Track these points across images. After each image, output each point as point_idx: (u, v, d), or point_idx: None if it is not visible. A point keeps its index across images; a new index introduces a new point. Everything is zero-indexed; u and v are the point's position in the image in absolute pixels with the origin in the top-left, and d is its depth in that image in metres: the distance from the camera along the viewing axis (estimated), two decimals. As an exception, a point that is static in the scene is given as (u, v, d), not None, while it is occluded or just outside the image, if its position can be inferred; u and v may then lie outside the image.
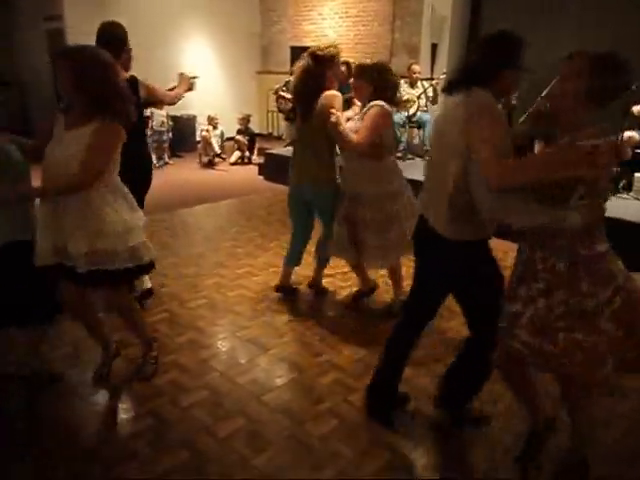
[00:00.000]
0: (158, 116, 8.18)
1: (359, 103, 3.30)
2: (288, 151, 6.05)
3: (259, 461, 2.27)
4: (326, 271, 3.88)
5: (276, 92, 7.44)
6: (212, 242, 4.99)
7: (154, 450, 2.33)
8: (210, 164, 8.55)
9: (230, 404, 2.65)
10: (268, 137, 10.46)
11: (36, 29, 9.44)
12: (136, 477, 2.16)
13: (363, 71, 3.12)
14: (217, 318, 3.50)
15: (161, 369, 2.90)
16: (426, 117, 7.06)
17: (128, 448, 2.33)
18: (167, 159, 8.66)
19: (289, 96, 7.12)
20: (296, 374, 2.90)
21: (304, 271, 3.96)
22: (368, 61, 3.35)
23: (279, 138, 10.20)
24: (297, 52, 9.69)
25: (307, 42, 9.97)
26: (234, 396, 2.71)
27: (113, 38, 3.14)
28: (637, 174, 5.25)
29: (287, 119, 7.25)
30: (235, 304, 3.68)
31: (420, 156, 7.03)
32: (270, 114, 10.49)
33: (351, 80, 3.43)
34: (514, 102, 6.29)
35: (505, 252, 4.62)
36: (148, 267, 2.56)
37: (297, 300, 3.78)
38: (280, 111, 7.47)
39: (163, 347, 3.11)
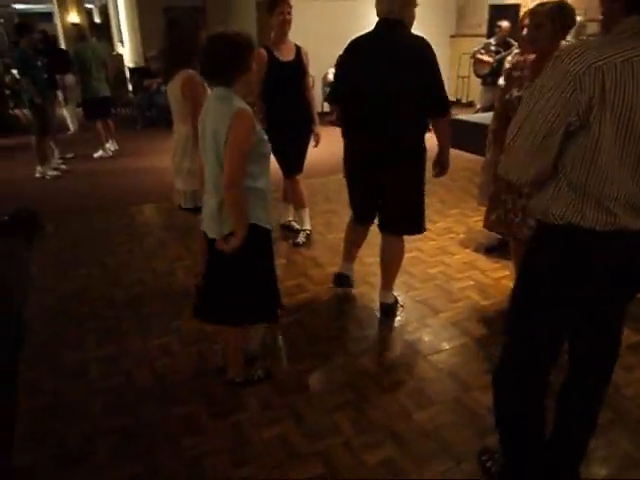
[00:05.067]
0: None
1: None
2: (478, 117, 5.75)
3: (420, 416, 2.27)
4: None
5: (473, 55, 7.03)
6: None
7: (323, 387, 2.48)
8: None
9: (396, 358, 2.69)
10: (456, 104, 10.07)
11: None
12: (307, 409, 2.33)
13: None
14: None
15: (334, 317, 3.06)
16: None
17: (301, 383, 2.51)
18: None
19: (488, 59, 6.71)
20: (466, 340, 2.81)
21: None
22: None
23: (468, 105, 9.76)
24: (497, 11, 9.08)
25: None
26: (401, 351, 2.74)
27: None
28: None
29: (484, 84, 6.84)
30: (409, 265, 3.67)
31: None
32: (460, 80, 10.05)
33: None
34: None
35: None
36: None
37: (475, 268, 3.63)
38: (477, 76, 7.04)
39: (337, 297, 3.27)
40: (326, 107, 9.54)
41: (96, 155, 7.52)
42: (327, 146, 4.32)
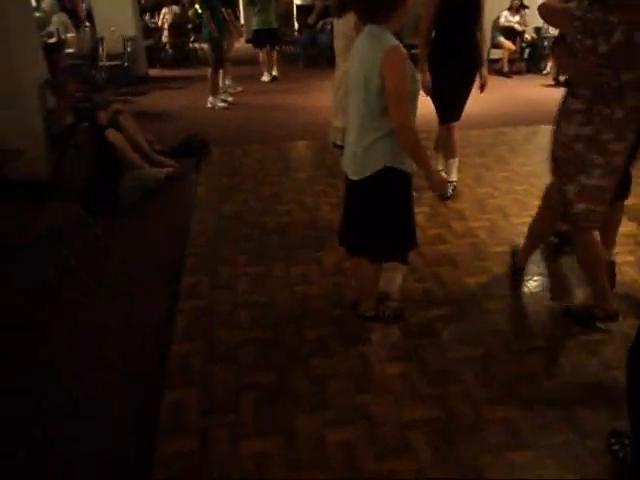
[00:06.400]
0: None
1: None
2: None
3: (550, 385, 2.19)
4: None
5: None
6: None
7: (451, 337, 2.50)
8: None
9: (533, 323, 2.60)
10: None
11: None
12: (432, 354, 2.38)
13: None
14: (538, 240, 3.35)
15: (472, 271, 3.01)
16: None
17: (430, 329, 2.56)
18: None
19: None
20: (615, 318, 2.61)
21: None
22: None
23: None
24: None
25: None
26: (540, 317, 2.63)
27: None
28: None
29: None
30: (561, 230, 3.44)
31: None
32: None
33: None
34: None
35: None
36: None
37: (639, 243, 3.28)
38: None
39: (477, 252, 3.20)
40: (493, 54, 8.91)
41: (263, 79, 8.49)
42: (487, 96, 4.10)
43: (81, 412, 2.12)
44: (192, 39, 11.01)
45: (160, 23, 10.55)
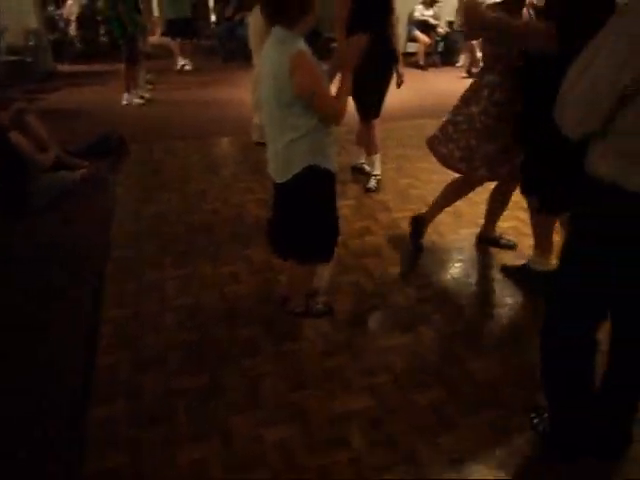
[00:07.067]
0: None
1: None
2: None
3: (474, 365, 2.30)
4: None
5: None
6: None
7: (380, 327, 2.56)
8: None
9: (457, 306, 2.72)
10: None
11: None
12: (363, 346, 2.43)
13: None
14: (460, 227, 3.50)
15: (398, 261, 3.09)
16: None
17: (360, 321, 2.60)
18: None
19: None
20: (531, 297, 2.78)
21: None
22: None
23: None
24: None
25: None
26: (463, 301, 2.77)
27: None
28: None
29: None
30: (478, 215, 3.60)
31: None
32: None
33: None
34: None
35: None
36: None
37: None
38: None
39: (402, 242, 3.29)
40: (409, 47, 9.18)
41: (178, 66, 8.60)
42: (405, 90, 4.21)
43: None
44: (102, 32, 10.49)
45: (66, 15, 9.96)
